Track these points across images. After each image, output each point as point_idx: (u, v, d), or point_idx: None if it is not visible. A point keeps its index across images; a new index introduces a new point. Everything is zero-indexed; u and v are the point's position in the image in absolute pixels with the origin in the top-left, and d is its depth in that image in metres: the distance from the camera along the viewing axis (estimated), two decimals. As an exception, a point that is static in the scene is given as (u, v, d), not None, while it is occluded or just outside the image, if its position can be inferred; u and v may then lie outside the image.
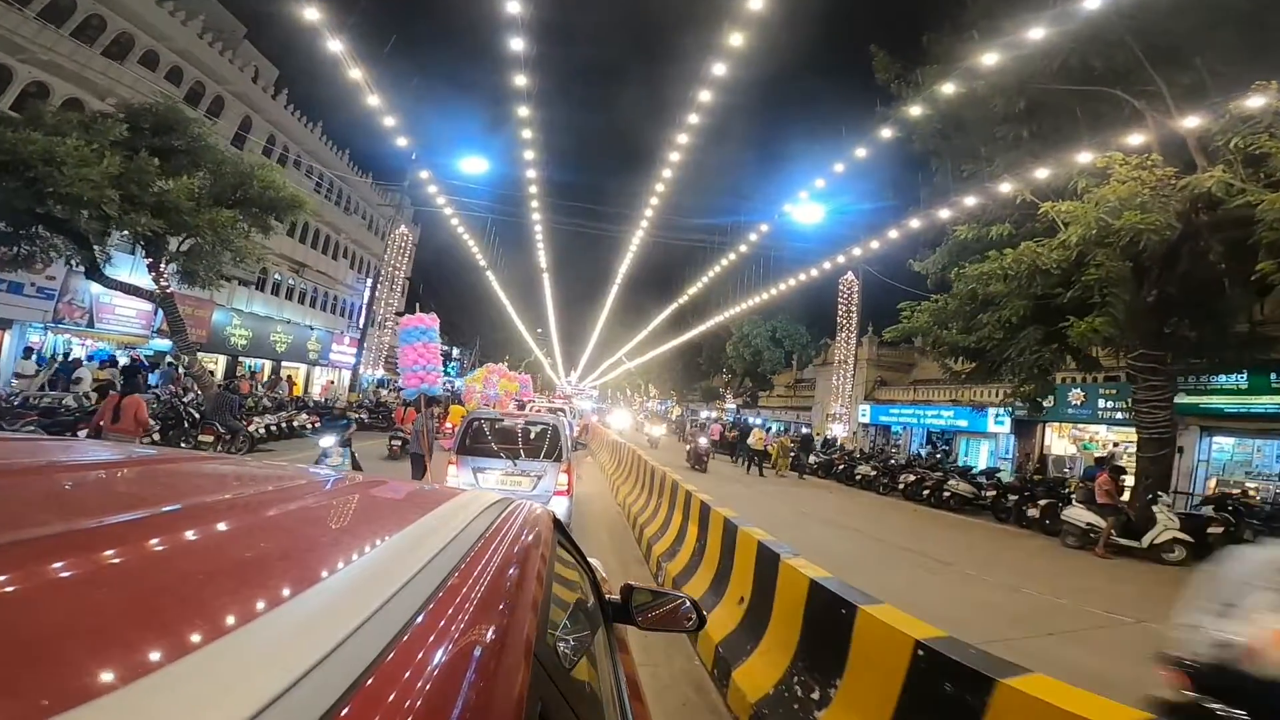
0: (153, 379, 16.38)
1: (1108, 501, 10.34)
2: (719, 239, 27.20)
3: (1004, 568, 8.86)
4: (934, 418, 25.26)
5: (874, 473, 18.03)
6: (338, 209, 32.61)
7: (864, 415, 29.02)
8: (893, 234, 17.20)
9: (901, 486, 16.60)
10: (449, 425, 15.32)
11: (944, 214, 13.76)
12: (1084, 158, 10.38)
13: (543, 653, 0.80)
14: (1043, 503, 11.70)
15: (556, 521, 1.48)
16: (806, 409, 37.22)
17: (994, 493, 13.33)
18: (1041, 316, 12.40)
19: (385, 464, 14.50)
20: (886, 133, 14.66)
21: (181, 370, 12.87)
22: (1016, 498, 12.63)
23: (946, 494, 14.45)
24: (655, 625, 1.73)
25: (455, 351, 51.45)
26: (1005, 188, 11.69)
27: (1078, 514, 10.44)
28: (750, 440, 18.00)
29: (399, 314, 43.77)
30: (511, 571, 0.91)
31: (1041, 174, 11.07)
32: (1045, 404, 13.28)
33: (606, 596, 1.74)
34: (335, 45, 11.28)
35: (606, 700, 1.27)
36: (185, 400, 12.66)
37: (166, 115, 11.24)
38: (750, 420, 39.06)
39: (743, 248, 24.70)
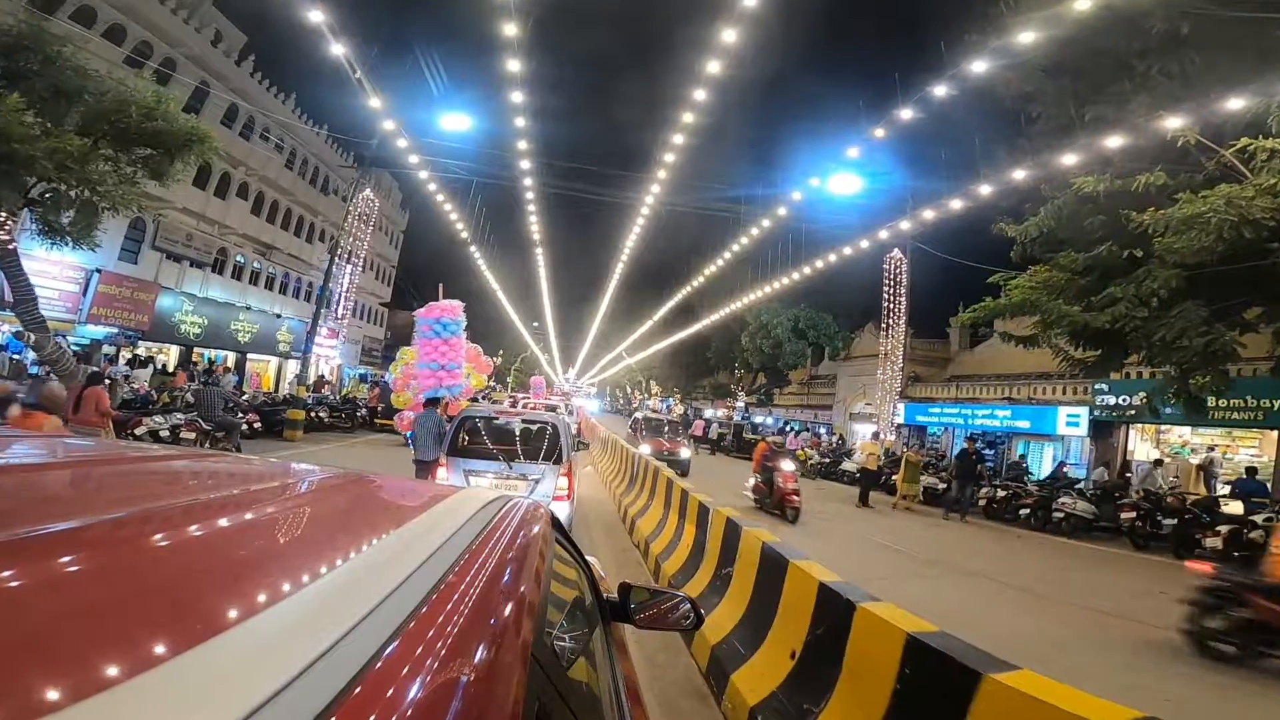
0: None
1: None
2: (740, 212, 24.01)
3: None
4: (985, 418, 22.40)
5: (943, 486, 15.16)
6: (313, 189, 29.43)
7: (898, 414, 26.16)
8: (983, 190, 14.40)
9: (983, 503, 13.76)
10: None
11: (1067, 160, 10.96)
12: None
13: (541, 652, 0.77)
14: (1224, 529, 8.87)
15: (554, 519, 1.42)
16: (826, 408, 34.33)
17: (1133, 514, 10.48)
18: (1200, 289, 9.71)
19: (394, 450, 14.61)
20: (982, 64, 11.87)
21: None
22: (1175, 522, 9.79)
23: (1059, 515, 11.61)
24: (653, 624, 1.71)
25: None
26: (1174, 123, 8.96)
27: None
28: (856, 454, 14.68)
29: (384, 304, 40.85)
30: (509, 570, 0.89)
31: (1235, 105, 8.41)
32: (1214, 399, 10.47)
33: (604, 595, 1.71)
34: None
35: (604, 699, 1.27)
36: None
37: (25, 37, 8.90)
38: (759, 420, 36.24)
39: (766, 223, 21.67)
